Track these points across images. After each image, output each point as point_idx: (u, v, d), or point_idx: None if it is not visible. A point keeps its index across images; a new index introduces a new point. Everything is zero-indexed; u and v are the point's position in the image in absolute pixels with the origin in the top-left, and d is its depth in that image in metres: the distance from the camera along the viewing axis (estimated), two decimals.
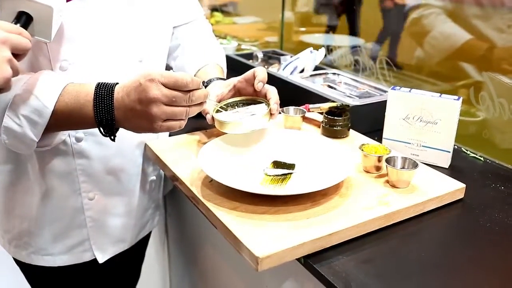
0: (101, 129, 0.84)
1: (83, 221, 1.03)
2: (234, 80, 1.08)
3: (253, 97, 1.07)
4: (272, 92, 1.04)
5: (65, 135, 0.95)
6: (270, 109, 1.00)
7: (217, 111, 1.04)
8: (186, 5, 1.21)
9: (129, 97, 0.81)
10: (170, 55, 1.21)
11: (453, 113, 1.05)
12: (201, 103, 0.85)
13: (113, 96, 0.82)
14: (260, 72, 1.04)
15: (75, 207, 1.02)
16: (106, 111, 0.82)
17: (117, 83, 0.84)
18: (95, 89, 0.83)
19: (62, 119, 0.84)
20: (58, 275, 1.08)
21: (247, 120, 0.98)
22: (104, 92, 0.82)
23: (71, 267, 1.06)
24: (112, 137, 0.85)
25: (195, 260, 1.35)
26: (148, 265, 1.41)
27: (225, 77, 1.15)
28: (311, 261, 0.77)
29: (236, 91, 1.09)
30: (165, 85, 0.79)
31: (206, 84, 1.11)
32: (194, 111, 0.85)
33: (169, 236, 1.50)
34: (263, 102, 1.05)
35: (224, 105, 1.06)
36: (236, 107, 1.05)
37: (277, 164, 0.99)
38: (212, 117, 1.02)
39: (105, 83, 0.84)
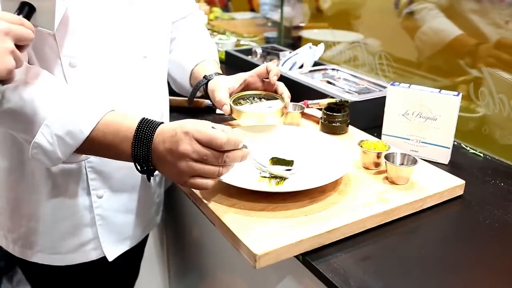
0: (137, 165, 0.82)
1: (92, 219, 1.03)
2: (245, 75, 1.10)
3: (267, 92, 1.11)
4: (283, 87, 1.09)
5: (92, 155, 0.94)
6: (285, 104, 1.06)
7: (233, 102, 1.07)
8: (182, 0, 1.21)
9: (163, 145, 0.78)
10: None
11: (453, 109, 1.05)
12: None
13: (153, 139, 0.79)
14: (273, 67, 1.09)
15: (84, 205, 1.01)
16: (144, 153, 0.80)
17: (161, 123, 0.81)
18: (137, 127, 0.80)
19: (97, 147, 0.83)
20: (60, 274, 1.08)
21: (266, 113, 1.04)
22: (145, 132, 0.80)
23: (74, 266, 1.06)
24: (149, 177, 0.84)
25: (193, 257, 1.35)
26: (147, 262, 1.41)
27: (222, 72, 1.15)
28: (309, 258, 0.77)
29: (246, 86, 1.11)
30: (199, 141, 0.76)
31: (207, 79, 1.11)
32: (225, 172, 0.80)
33: (168, 233, 1.50)
34: (276, 98, 1.09)
35: (237, 97, 1.09)
36: (249, 100, 1.09)
37: (275, 161, 0.98)
38: (230, 108, 1.04)
39: (148, 121, 0.81)
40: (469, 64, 1.27)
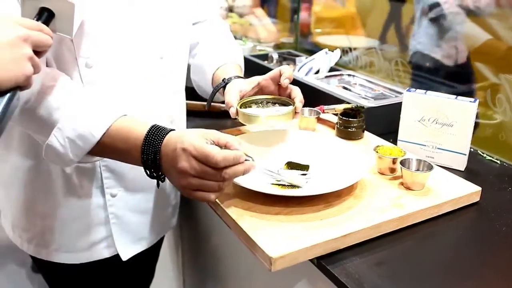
0: (147, 171, 0.85)
1: (106, 217, 1.04)
2: (259, 78, 1.08)
3: (277, 97, 1.08)
4: (297, 91, 1.05)
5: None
6: (295, 108, 1.01)
7: (241, 106, 1.04)
8: (203, 2, 1.21)
9: (167, 157, 0.81)
10: (189, 53, 1.21)
11: (469, 115, 1.04)
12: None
13: (160, 151, 0.81)
14: (286, 70, 1.06)
15: (98, 203, 1.02)
16: (152, 162, 0.82)
17: (170, 131, 0.83)
18: (144, 136, 0.82)
19: (107, 151, 0.85)
20: (76, 273, 1.09)
21: (271, 116, 0.99)
22: (152, 143, 0.82)
23: (89, 264, 1.07)
24: (158, 183, 0.86)
25: (208, 260, 1.36)
26: (162, 265, 1.42)
27: (243, 76, 1.15)
28: (324, 262, 0.77)
29: (259, 89, 1.09)
30: (196, 158, 0.77)
31: (226, 82, 1.11)
32: (227, 185, 0.82)
33: (183, 236, 1.51)
34: (287, 102, 1.05)
35: (248, 101, 1.06)
36: (260, 104, 1.06)
37: (291, 165, 0.99)
38: (236, 111, 1.01)
39: (157, 128, 0.83)
40: (500, 69, 1.25)
